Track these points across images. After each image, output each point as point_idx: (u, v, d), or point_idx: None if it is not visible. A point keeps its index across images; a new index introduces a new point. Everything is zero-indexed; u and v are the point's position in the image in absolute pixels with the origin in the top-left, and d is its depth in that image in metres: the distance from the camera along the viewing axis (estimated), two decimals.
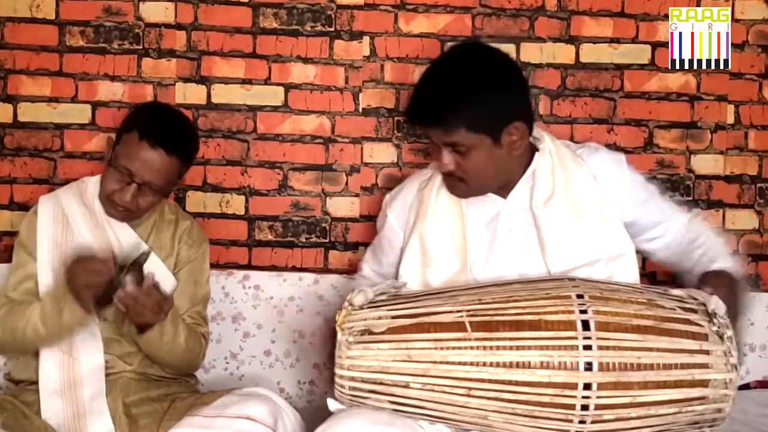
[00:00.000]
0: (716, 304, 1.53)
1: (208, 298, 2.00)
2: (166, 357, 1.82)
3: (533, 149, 1.79)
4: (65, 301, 1.68)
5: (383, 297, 1.62)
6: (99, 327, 1.81)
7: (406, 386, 1.50)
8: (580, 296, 1.52)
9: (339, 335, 1.52)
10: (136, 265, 1.65)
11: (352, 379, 1.52)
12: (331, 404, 1.59)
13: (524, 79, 1.82)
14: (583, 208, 1.74)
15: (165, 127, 1.81)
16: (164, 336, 1.75)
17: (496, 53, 1.74)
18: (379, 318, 1.54)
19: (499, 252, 1.75)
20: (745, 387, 2.16)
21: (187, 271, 1.93)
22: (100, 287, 1.63)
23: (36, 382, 1.79)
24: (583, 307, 1.50)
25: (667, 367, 1.48)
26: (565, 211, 1.73)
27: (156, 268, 1.86)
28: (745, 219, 2.31)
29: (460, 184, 1.74)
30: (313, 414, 1.70)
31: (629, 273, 1.72)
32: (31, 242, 1.86)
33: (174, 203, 2.10)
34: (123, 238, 1.85)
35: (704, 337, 1.51)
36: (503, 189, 1.77)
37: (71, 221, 1.86)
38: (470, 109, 1.64)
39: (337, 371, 1.52)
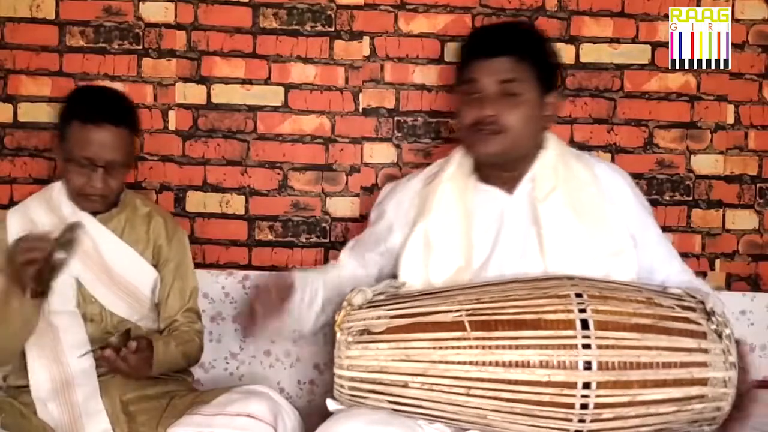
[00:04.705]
0: (714, 302, 1.53)
1: (197, 292, 2.00)
2: (162, 369, 1.82)
3: (539, 146, 1.79)
4: (12, 289, 1.65)
5: (382, 297, 1.63)
6: (85, 328, 1.81)
7: (405, 386, 1.50)
8: (578, 295, 1.52)
9: (338, 335, 1.53)
10: (68, 237, 1.63)
11: (352, 379, 1.52)
12: (331, 404, 1.60)
13: None
14: (583, 204, 1.73)
15: (99, 104, 1.84)
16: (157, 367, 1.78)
17: None
18: (378, 318, 1.54)
19: (501, 248, 1.74)
20: None
21: (171, 271, 1.95)
22: (38, 264, 1.59)
23: None
24: (582, 306, 1.50)
25: (666, 365, 1.48)
26: (565, 207, 1.73)
27: (135, 262, 1.89)
28: (745, 219, 2.31)
29: (493, 137, 1.71)
30: (313, 414, 1.70)
31: (627, 271, 1.70)
32: None
33: (146, 197, 2.09)
34: (95, 236, 1.85)
35: (703, 335, 1.52)
36: (509, 185, 1.77)
37: (41, 229, 1.82)
38: (540, 49, 1.77)
39: (337, 371, 1.52)
